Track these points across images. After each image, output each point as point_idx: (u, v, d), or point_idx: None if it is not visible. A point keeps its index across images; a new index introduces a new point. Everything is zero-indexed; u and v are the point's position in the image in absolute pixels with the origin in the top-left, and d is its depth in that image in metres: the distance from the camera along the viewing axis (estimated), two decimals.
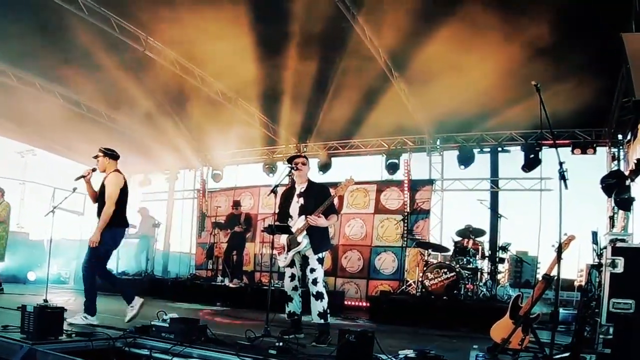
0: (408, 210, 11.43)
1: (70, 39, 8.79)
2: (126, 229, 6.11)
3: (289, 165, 5.69)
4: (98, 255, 5.68)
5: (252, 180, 14.25)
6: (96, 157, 6.01)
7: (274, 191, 5.51)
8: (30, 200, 15.29)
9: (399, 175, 11.90)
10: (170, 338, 4.57)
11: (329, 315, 5.48)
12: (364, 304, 10.58)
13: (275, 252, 5.72)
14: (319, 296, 5.43)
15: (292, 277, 5.65)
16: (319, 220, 5.38)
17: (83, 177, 6.02)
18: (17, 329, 4.47)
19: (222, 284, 10.45)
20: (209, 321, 6.33)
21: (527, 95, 7.18)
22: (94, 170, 6.04)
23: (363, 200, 12.10)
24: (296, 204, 5.67)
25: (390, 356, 4.32)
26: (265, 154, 13.80)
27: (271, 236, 5.70)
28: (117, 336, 4.64)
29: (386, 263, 11.60)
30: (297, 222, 5.54)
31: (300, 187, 5.74)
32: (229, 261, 11.13)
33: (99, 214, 5.77)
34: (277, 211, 5.73)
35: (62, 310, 4.56)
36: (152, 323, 4.86)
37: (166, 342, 4.51)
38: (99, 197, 5.88)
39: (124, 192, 5.86)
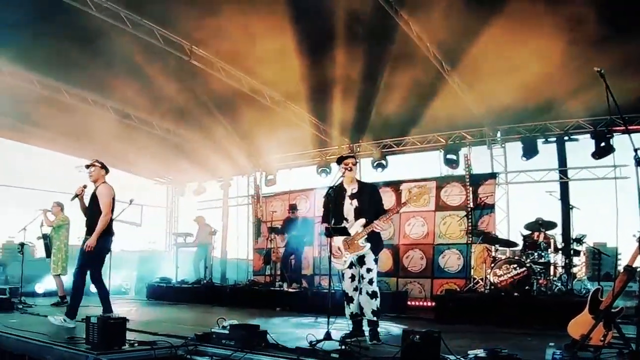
0: (471, 205, 10.98)
1: (117, 52, 8.97)
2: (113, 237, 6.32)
3: (340, 165, 5.62)
4: (93, 262, 6.00)
5: (306, 183, 14.18)
6: (89, 166, 6.30)
7: (329, 193, 5.49)
8: None
9: (459, 170, 11.51)
10: (230, 345, 4.57)
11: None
12: (429, 303, 10.25)
13: (333, 258, 5.56)
14: (374, 295, 5.43)
15: (352, 277, 5.59)
16: (385, 226, 5.42)
17: (77, 195, 6.29)
18: (82, 340, 4.60)
19: (281, 288, 10.39)
20: (269, 326, 6.29)
21: (591, 82, 6.79)
22: (85, 187, 6.29)
23: (422, 198, 11.71)
24: (350, 205, 5.58)
25: (458, 356, 4.10)
26: (318, 156, 13.69)
27: (329, 239, 5.60)
28: (179, 344, 4.68)
29: (451, 261, 11.18)
30: (354, 225, 5.45)
31: (351, 188, 5.63)
32: (287, 266, 11.09)
33: (87, 223, 6.10)
34: (325, 212, 5.75)
35: (124, 320, 4.66)
36: (213, 330, 4.88)
37: (227, 348, 4.53)
38: (88, 207, 6.16)
39: (113, 202, 6.18)
